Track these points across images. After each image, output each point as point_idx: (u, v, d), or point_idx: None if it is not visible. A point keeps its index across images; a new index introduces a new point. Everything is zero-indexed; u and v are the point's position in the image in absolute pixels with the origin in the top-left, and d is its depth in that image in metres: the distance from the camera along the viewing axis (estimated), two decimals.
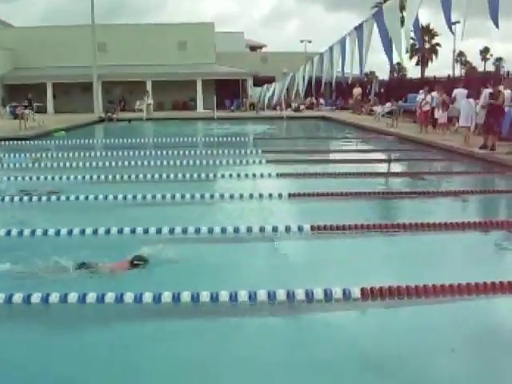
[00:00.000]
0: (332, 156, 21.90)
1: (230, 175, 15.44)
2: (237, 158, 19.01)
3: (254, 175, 15.41)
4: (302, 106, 46.25)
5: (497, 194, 13.85)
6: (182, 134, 27.41)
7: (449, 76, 35.20)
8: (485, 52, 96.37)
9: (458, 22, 57.77)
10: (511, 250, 9.47)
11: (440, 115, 25.07)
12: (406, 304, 6.59)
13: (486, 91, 20.17)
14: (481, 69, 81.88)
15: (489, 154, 18.22)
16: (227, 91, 49.84)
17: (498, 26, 9.03)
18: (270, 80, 40.40)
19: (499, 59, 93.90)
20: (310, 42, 58.38)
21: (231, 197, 12.45)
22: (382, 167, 19.11)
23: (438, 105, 25.39)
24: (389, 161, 20.65)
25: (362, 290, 6.59)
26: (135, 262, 7.68)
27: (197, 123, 38.84)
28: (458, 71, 76.74)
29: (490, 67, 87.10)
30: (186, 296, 6.45)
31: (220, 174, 15.70)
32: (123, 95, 48.54)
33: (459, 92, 23.56)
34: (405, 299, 6.59)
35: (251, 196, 12.54)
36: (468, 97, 21.85)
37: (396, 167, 19.25)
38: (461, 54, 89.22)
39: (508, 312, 6.77)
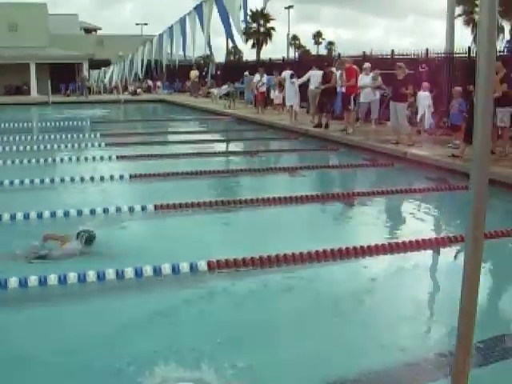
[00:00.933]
0: (171, 137, 22.01)
1: (70, 159, 15.18)
2: (75, 142, 18.66)
3: (94, 158, 15.19)
4: (139, 90, 45.81)
5: (330, 168, 14.57)
6: (16, 119, 26.37)
7: (283, 58, 36.09)
8: (317, 36, 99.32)
9: (292, 7, 59.46)
10: (347, 218, 10.23)
11: (276, 96, 25.75)
12: (251, 274, 6.87)
13: (311, 73, 21.23)
14: (314, 52, 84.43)
15: (323, 131, 19.02)
16: (62, 75, 48.30)
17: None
18: (106, 63, 39.83)
19: (331, 43, 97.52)
20: (145, 24, 58.24)
21: (72, 180, 12.24)
22: (221, 147, 19.47)
23: (273, 86, 26.07)
24: (228, 140, 21.04)
25: (209, 263, 6.81)
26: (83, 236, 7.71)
27: (32, 108, 37.42)
28: (293, 54, 78.79)
29: (323, 51, 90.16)
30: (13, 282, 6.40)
31: (59, 159, 15.39)
32: None
33: (286, 73, 24.28)
34: (250, 269, 6.89)
35: (92, 179, 12.41)
36: (292, 77, 22.69)
37: (235, 146, 19.63)
38: (295, 37, 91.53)
39: (347, 276, 7.22)
